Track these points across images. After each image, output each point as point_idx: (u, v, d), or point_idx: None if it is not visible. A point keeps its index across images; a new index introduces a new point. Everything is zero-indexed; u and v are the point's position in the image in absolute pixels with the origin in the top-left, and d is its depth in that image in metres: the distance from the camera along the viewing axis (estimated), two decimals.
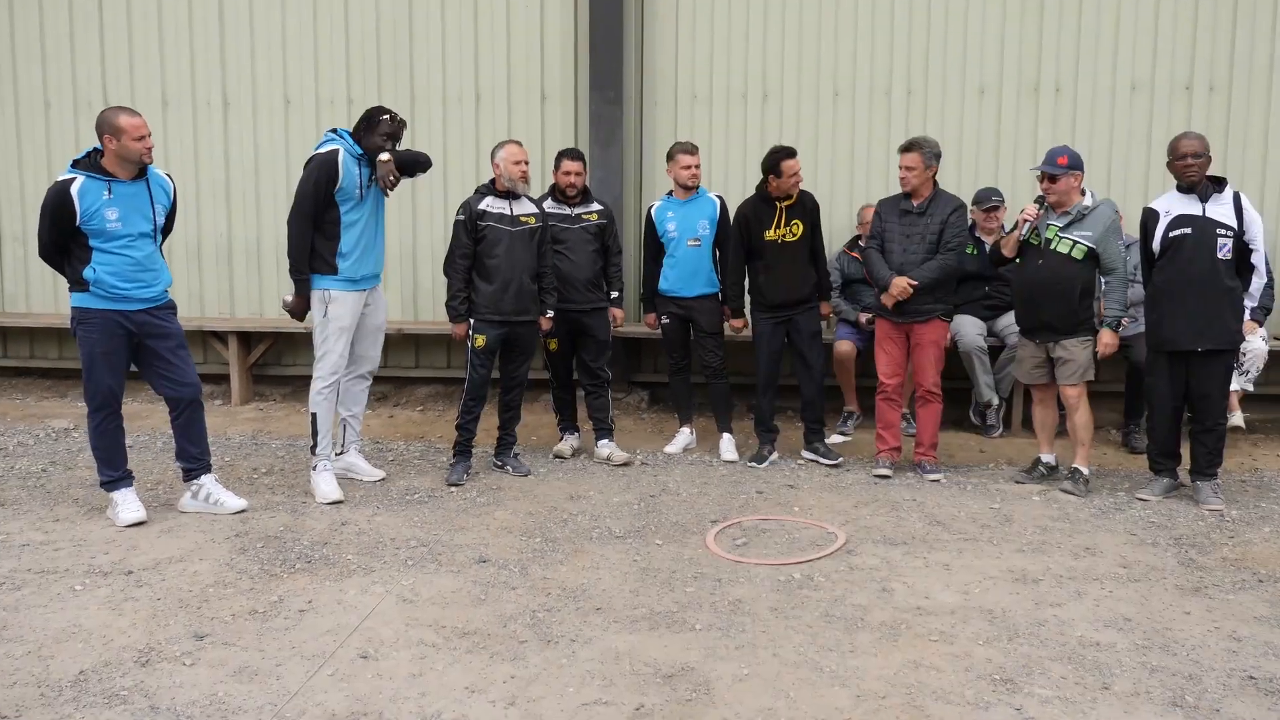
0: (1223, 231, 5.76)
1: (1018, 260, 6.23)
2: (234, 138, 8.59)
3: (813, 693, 3.61)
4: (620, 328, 7.10)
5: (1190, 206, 5.82)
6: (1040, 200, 6.08)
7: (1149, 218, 5.95)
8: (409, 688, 3.62)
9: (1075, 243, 5.94)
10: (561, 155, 6.72)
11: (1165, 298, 5.85)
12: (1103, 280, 6.21)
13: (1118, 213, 6.11)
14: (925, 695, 3.60)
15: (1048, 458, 6.35)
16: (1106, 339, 6.02)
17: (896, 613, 4.32)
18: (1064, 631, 4.14)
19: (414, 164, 6.09)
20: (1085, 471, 6.13)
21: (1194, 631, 4.16)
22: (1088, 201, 6.00)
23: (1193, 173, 5.76)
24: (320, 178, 5.73)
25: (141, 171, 5.26)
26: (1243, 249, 5.83)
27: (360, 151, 5.84)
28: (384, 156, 5.84)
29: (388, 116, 5.88)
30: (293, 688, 3.61)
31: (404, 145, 6.13)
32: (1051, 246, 6.00)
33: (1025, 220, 6.08)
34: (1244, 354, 6.85)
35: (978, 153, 7.83)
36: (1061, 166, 5.92)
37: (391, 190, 5.95)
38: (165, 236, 5.52)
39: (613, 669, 3.78)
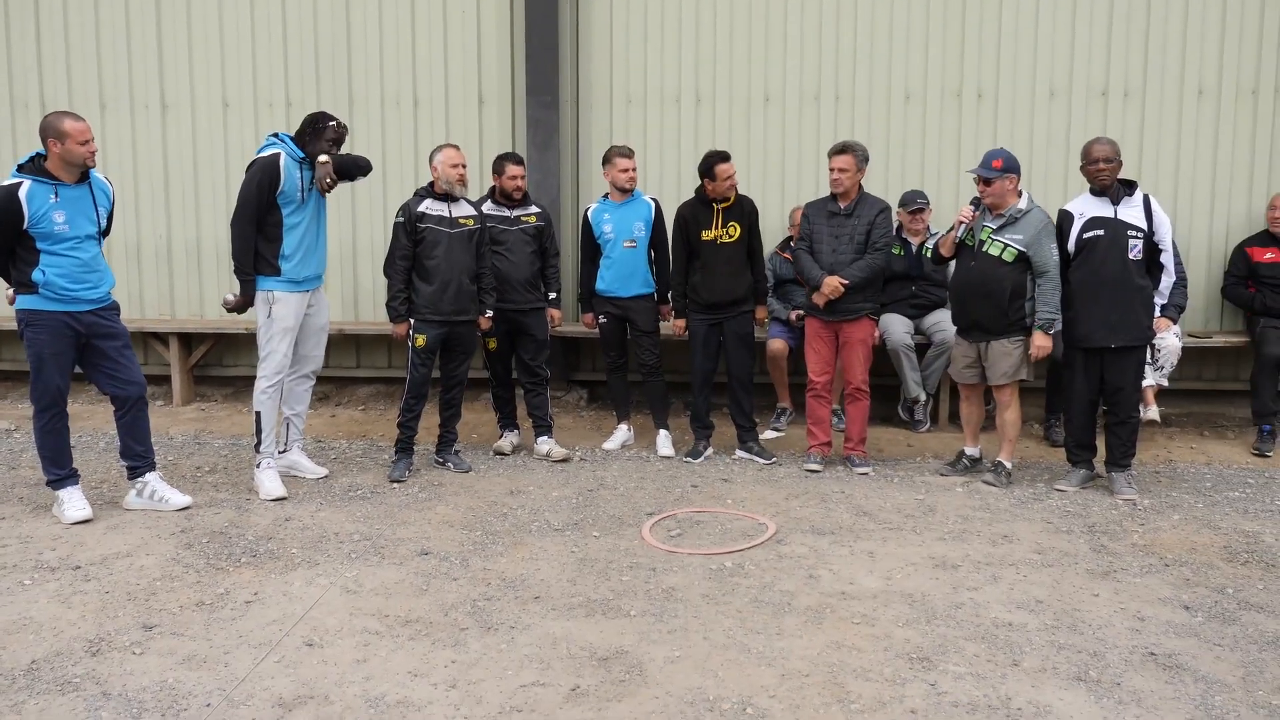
0: (1133, 233, 6.03)
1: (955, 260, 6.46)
2: (173, 140, 8.61)
3: (740, 672, 3.80)
4: (558, 327, 7.26)
5: (1103, 209, 6.09)
6: (975, 202, 6.25)
7: (1064, 219, 6.21)
8: (354, 672, 3.77)
9: (1006, 245, 6.08)
10: (505, 160, 6.85)
11: (1079, 296, 6.10)
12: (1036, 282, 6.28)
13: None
14: (846, 673, 3.81)
15: (972, 451, 6.58)
16: (1039, 341, 6.12)
17: (822, 597, 4.52)
18: (979, 613, 4.37)
19: (353, 167, 6.20)
20: (1008, 465, 6.36)
21: (1101, 612, 4.40)
22: (1023, 204, 6.12)
23: (1104, 177, 6.03)
24: (262, 180, 5.84)
25: (84, 175, 5.33)
26: (1153, 249, 6.11)
27: (302, 155, 5.95)
28: (323, 158, 5.96)
29: (334, 123, 6.00)
30: (240, 674, 3.74)
31: (344, 149, 6.24)
32: (984, 248, 6.16)
33: (961, 221, 6.26)
34: (1159, 351, 7.15)
35: (904, 156, 8.08)
36: (996, 170, 6.05)
37: (327, 192, 6.06)
38: (105, 238, 5.59)
39: (550, 653, 3.94)
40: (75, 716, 3.45)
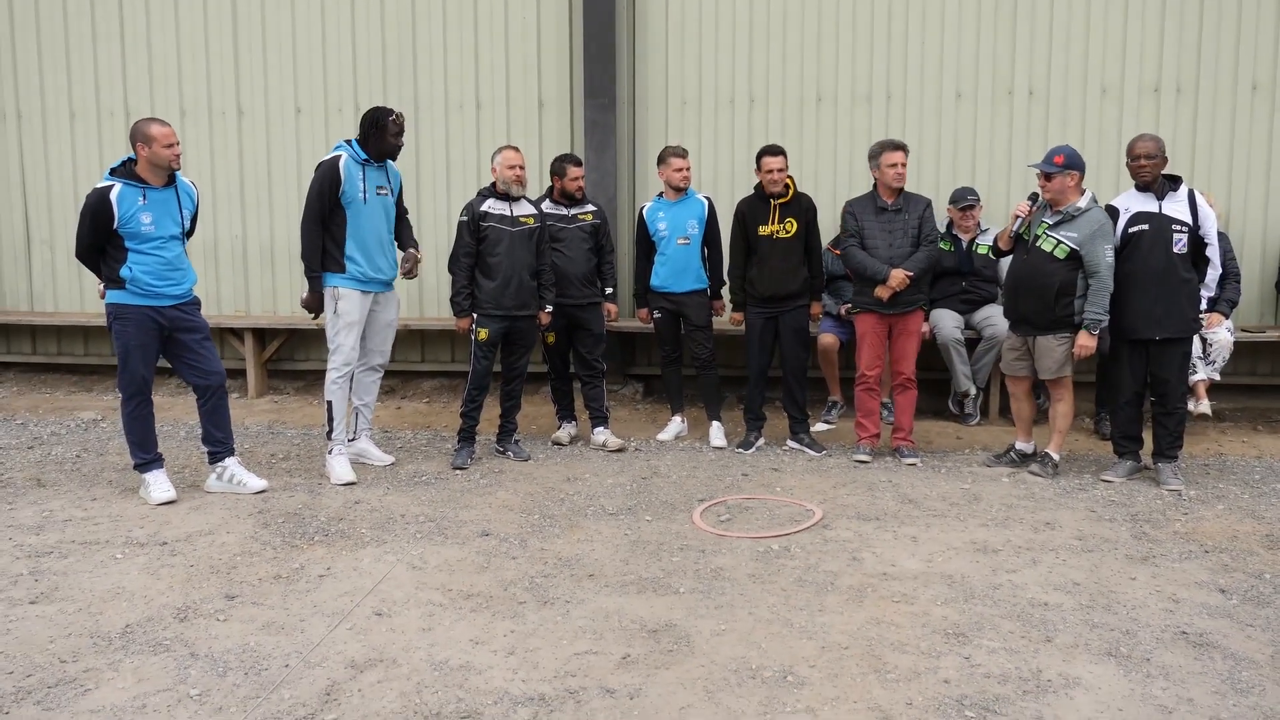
0: (1178, 227, 6.11)
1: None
2: (248, 145, 9.02)
3: (782, 644, 4.01)
4: (614, 322, 7.50)
5: (1147, 204, 6.18)
6: (1034, 197, 6.36)
7: (1110, 215, 6.31)
8: (419, 639, 4.04)
9: (1059, 242, 6.15)
10: (566, 162, 7.07)
11: (1125, 289, 6.19)
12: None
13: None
14: (883, 646, 3.99)
15: (1023, 445, 6.65)
16: (1082, 340, 6.18)
17: (864, 578, 4.71)
18: (1016, 594, 4.51)
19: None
20: (1055, 457, 6.44)
21: (1137, 594, 4.52)
22: (1082, 203, 6.17)
23: (1146, 173, 6.12)
24: (323, 183, 6.16)
25: (170, 179, 5.70)
26: (1198, 243, 6.19)
27: (365, 157, 6.25)
28: (419, 255, 6.54)
29: (393, 116, 6.27)
30: (315, 639, 4.04)
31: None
32: (1037, 243, 6.25)
33: (1016, 216, 6.36)
34: (1210, 345, 7.22)
35: (955, 154, 8.20)
36: (1057, 165, 6.11)
37: (407, 276, 6.54)
38: (188, 238, 5.95)
39: (602, 625, 4.18)
40: (167, 673, 3.76)
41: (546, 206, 7.04)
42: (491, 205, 6.60)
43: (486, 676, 3.73)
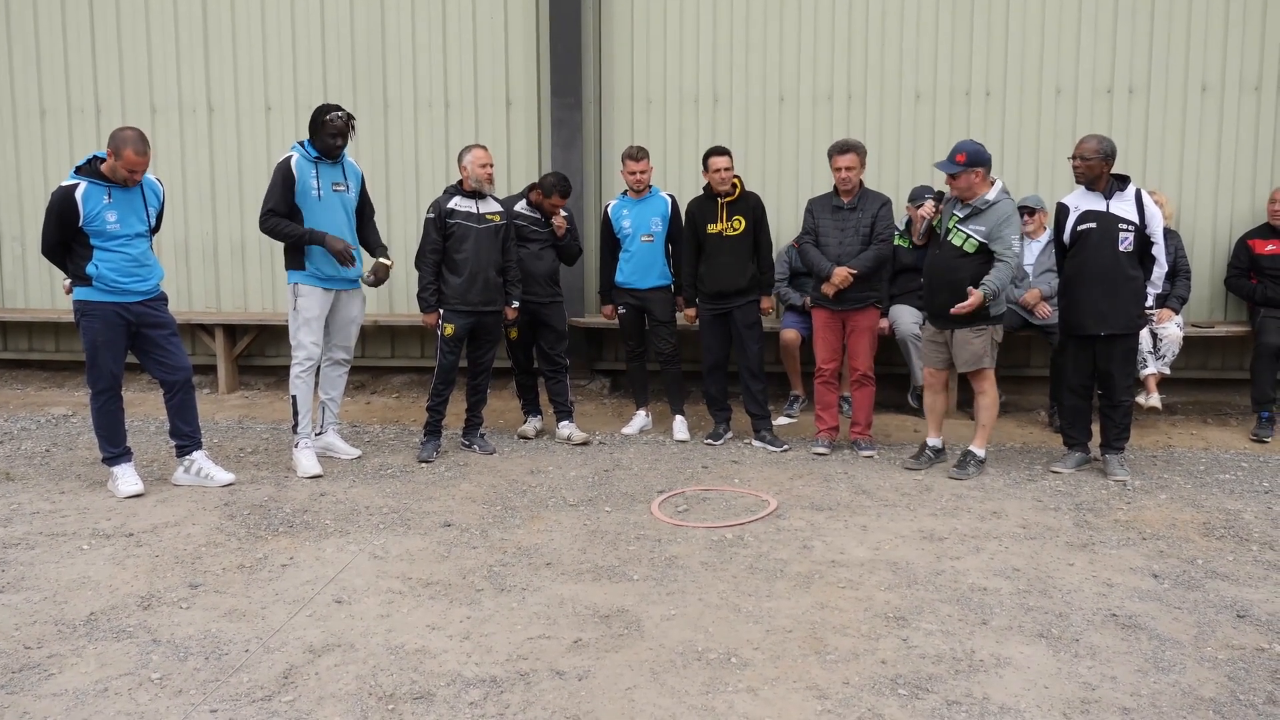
0: (1124, 226, 6.28)
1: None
2: (218, 142, 9.09)
3: (728, 628, 4.16)
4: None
5: (1095, 203, 6.35)
6: (939, 196, 6.51)
7: (1060, 212, 6.49)
8: (377, 625, 4.17)
9: (968, 236, 6.26)
10: (555, 190, 7.10)
11: (1073, 286, 6.39)
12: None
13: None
14: (826, 629, 4.15)
15: (934, 442, 6.68)
16: (971, 299, 6.10)
17: (813, 565, 4.87)
18: (957, 580, 4.69)
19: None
20: (979, 454, 6.45)
21: (1073, 579, 4.70)
22: (990, 195, 6.26)
23: (1080, 173, 6.30)
24: (274, 181, 6.32)
25: None
26: (1144, 241, 6.36)
27: (316, 154, 6.36)
28: (389, 263, 6.67)
29: (330, 116, 6.31)
30: (276, 625, 4.17)
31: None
32: (948, 238, 6.38)
33: (923, 217, 6.51)
34: (1161, 340, 7.42)
35: (914, 153, 8.35)
36: (959, 164, 6.21)
37: (375, 284, 6.71)
38: (154, 235, 6.04)
39: (556, 611, 4.32)
40: (129, 658, 3.88)
41: (521, 207, 7.17)
42: (458, 203, 6.73)
43: (441, 660, 3.87)
